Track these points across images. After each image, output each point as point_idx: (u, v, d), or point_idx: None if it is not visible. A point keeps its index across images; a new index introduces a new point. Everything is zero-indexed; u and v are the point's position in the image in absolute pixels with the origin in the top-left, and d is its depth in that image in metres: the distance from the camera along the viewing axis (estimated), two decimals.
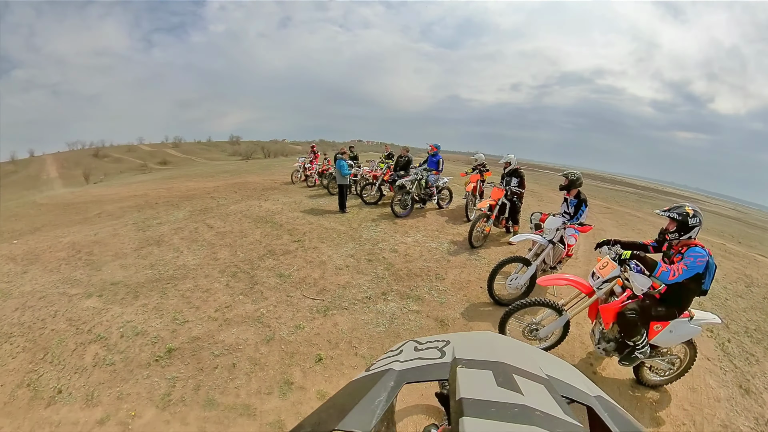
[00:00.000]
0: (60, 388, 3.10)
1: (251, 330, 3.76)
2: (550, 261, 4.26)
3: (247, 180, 13.85)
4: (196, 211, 8.58)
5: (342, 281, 4.77)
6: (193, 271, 5.12)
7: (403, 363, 0.57)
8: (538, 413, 0.41)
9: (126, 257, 5.80)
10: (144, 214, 8.66)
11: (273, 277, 4.89)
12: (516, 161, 6.28)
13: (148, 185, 14.79)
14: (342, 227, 6.98)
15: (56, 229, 8.12)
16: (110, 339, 3.68)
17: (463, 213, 7.80)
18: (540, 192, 13.31)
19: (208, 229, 7.04)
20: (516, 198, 6.11)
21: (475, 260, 5.38)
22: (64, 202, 12.51)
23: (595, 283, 2.91)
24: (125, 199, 11.32)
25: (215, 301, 4.32)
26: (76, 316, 4.11)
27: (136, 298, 4.45)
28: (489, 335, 0.66)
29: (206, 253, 5.76)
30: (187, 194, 11.17)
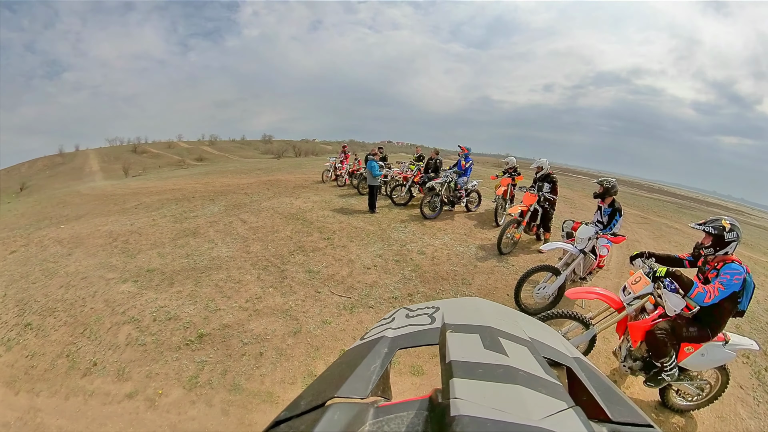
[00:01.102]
0: (95, 362, 3.41)
1: (279, 322, 3.90)
2: (581, 271, 4.15)
3: (278, 178, 14.19)
4: (231, 206, 8.86)
5: (369, 280, 4.84)
6: (227, 263, 5.35)
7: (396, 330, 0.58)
8: (521, 373, 0.43)
9: (163, 246, 6.15)
10: (181, 207, 9.06)
11: (302, 273, 5.02)
12: (548, 165, 6.13)
13: (185, 180, 15.47)
14: (371, 227, 7.05)
15: (96, 217, 8.68)
16: (143, 321, 3.95)
17: (492, 217, 7.71)
18: (573, 198, 12.88)
19: (241, 223, 7.28)
20: (548, 204, 5.97)
21: (503, 267, 5.31)
22: (104, 193, 13.30)
23: (626, 298, 2.82)
24: (163, 192, 11.88)
25: (246, 292, 4.50)
26: (112, 298, 4.45)
27: (171, 285, 4.73)
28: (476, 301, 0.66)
29: (239, 246, 5.97)
30: (222, 190, 11.56)
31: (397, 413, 0.42)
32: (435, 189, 7.83)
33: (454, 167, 8.22)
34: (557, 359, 0.53)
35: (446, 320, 0.58)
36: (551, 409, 0.38)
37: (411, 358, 3.37)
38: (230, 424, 2.76)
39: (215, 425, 2.76)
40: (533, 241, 6.55)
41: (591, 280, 4.39)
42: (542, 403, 0.39)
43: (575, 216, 8.46)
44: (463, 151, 8.18)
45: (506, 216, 7.42)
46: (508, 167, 7.85)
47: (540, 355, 0.51)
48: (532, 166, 6.29)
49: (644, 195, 22.85)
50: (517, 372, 0.43)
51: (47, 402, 3.04)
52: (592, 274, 4.35)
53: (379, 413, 0.42)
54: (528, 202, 5.82)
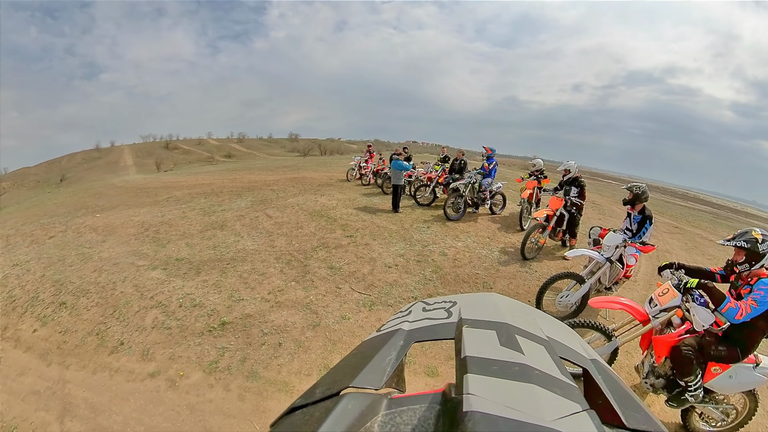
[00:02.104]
0: (122, 341, 3.64)
1: (299, 315, 4.00)
2: (606, 281, 4.02)
3: (304, 175, 14.43)
4: (257, 202, 9.10)
5: (390, 279, 4.86)
6: (252, 255, 5.51)
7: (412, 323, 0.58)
8: (536, 372, 0.43)
9: (192, 237, 6.41)
10: (210, 201, 9.38)
11: (324, 269, 5.10)
12: (577, 169, 5.97)
13: (213, 176, 15.94)
14: (394, 226, 7.08)
15: (129, 209, 9.12)
16: (169, 307, 4.15)
17: (516, 221, 7.58)
18: (602, 204, 12.47)
19: (267, 218, 7.48)
20: (575, 209, 5.82)
21: (525, 272, 5.23)
22: (137, 186, 13.88)
23: (652, 310, 2.69)
24: (193, 186, 12.31)
25: (269, 284, 4.63)
26: (141, 283, 4.70)
27: (197, 274, 4.94)
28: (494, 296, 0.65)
29: (264, 240, 6.14)
30: (249, 185, 11.87)
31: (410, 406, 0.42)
32: (459, 190, 7.80)
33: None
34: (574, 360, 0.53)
35: (463, 315, 0.58)
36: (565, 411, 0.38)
37: (427, 359, 3.38)
38: (245, 409, 2.87)
39: (231, 409, 2.87)
40: (558, 247, 6.43)
41: (617, 291, 4.23)
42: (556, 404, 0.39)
43: (603, 223, 8.26)
44: (487, 152, 8.11)
45: (531, 220, 7.33)
46: (535, 169, 7.68)
47: (557, 354, 0.50)
48: (560, 169, 6.16)
49: (677, 203, 21.57)
50: (532, 371, 0.43)
51: (75, 375, 3.27)
52: (619, 284, 4.20)
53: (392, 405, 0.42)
54: (554, 207, 5.69)
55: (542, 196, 7.66)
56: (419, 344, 0.54)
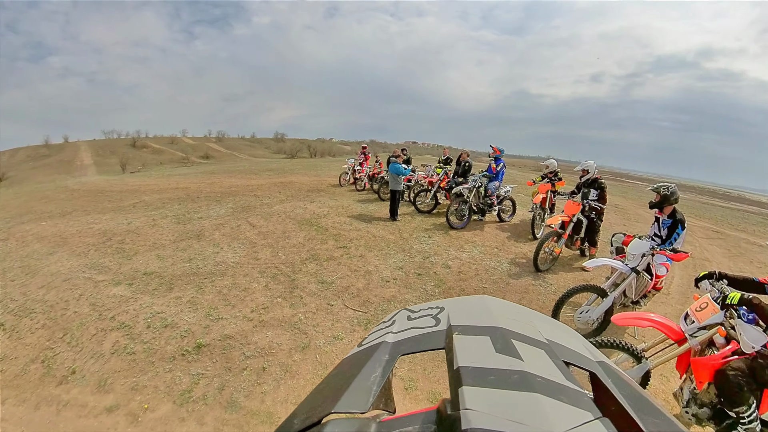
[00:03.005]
0: (74, 369, 3.44)
1: (286, 335, 3.91)
2: (632, 294, 3.95)
3: (291, 179, 14.45)
4: (239, 209, 9.08)
5: (387, 294, 4.82)
6: (232, 269, 5.44)
7: (397, 334, 0.58)
8: (539, 379, 0.43)
9: (163, 248, 6.31)
10: (184, 207, 9.32)
11: (314, 283, 5.05)
12: (596, 169, 6.00)
13: (189, 179, 15.88)
14: (391, 236, 7.09)
15: (87, 215, 8.96)
16: (135, 328, 4.00)
17: (528, 229, 7.63)
18: (626, 208, 12.52)
19: (250, 227, 7.44)
20: (594, 214, 5.83)
21: (539, 286, 5.21)
22: (97, 189, 13.64)
23: (689, 328, 2.60)
24: (165, 190, 12.23)
25: (252, 301, 4.55)
26: (100, 302, 4.54)
27: (170, 289, 4.83)
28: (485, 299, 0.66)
29: (247, 252, 6.09)
30: (230, 190, 11.85)
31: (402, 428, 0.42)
32: (463, 195, 7.86)
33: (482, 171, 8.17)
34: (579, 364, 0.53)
35: (452, 321, 0.58)
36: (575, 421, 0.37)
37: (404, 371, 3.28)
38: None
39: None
40: (576, 257, 6.43)
41: (645, 305, 4.17)
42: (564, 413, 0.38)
43: (628, 229, 8.24)
44: (495, 152, 8.15)
45: (545, 227, 7.35)
46: (548, 171, 7.79)
47: (559, 359, 0.51)
48: (577, 170, 6.18)
49: (718, 204, 21.42)
50: (534, 378, 0.43)
51: (13, 411, 3.05)
52: (647, 297, 4.13)
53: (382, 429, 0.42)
54: (570, 212, 5.69)
55: (557, 201, 7.75)
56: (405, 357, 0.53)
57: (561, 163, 8.04)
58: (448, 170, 9.44)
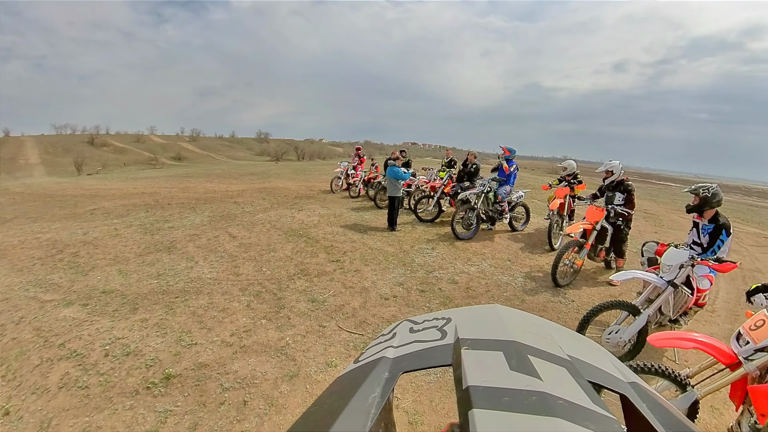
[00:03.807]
0: (8, 409, 3.19)
1: (272, 362, 3.79)
2: (670, 311, 3.86)
3: (277, 185, 14.49)
4: (217, 217, 9.06)
5: (387, 314, 4.77)
6: (209, 286, 5.34)
7: (398, 348, 0.59)
8: (560, 402, 0.42)
9: (127, 262, 6.18)
10: (152, 216, 9.25)
11: (304, 302, 4.99)
12: (622, 170, 6.00)
13: (158, 183, 15.81)
14: (390, 248, 7.13)
15: (33, 223, 8.80)
16: (89, 357, 3.81)
17: (544, 239, 7.67)
18: (657, 213, 12.55)
19: (229, 238, 7.40)
20: (621, 221, 5.81)
21: (559, 303, 5.19)
22: (46, 192, 13.42)
23: (743, 350, 2.49)
24: (129, 196, 12.16)
25: (232, 323, 4.44)
26: (47, 326, 4.34)
27: (133, 311, 4.68)
28: (497, 308, 0.67)
29: (226, 267, 6.02)
30: (206, 197, 11.85)
31: None
32: (470, 202, 7.90)
33: (495, 172, 8.18)
34: (607, 384, 0.53)
35: (460, 334, 0.59)
36: None
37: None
38: None
39: None
40: (601, 269, 6.42)
41: (687, 324, 4.09)
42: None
43: (661, 237, 8.29)
44: (505, 153, 8.22)
45: (564, 237, 7.45)
46: (566, 174, 7.93)
47: (584, 378, 0.50)
48: (600, 171, 6.18)
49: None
50: (554, 401, 0.43)
51: None
52: (688, 315, 4.06)
53: None
54: (593, 219, 5.68)
55: (577, 207, 7.84)
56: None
57: (580, 164, 8.10)
58: (452, 174, 9.54)
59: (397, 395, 3.42)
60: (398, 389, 3.48)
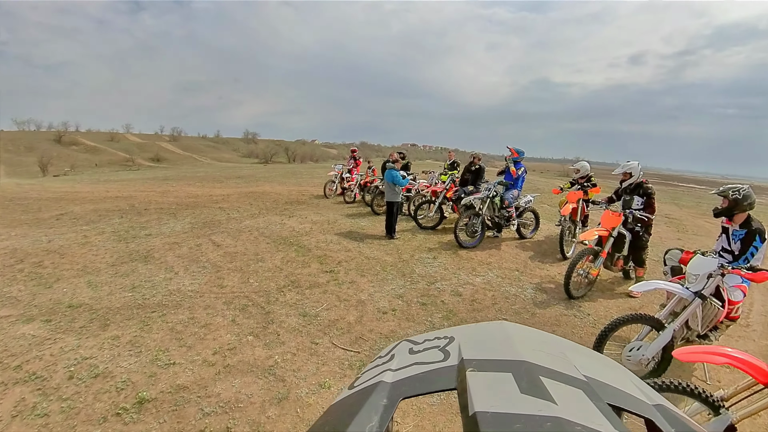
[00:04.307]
0: None
1: (259, 383, 3.73)
2: (698, 325, 3.80)
3: (265, 189, 14.56)
4: (199, 224, 9.05)
5: (385, 329, 4.74)
6: (190, 299, 5.28)
7: (397, 372, 0.59)
8: (578, 428, 0.42)
9: (98, 273, 6.09)
10: (128, 222, 9.23)
11: (295, 316, 4.95)
12: (641, 171, 5.99)
13: (135, 186, 15.78)
14: (389, 258, 7.16)
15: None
16: (51, 380, 3.69)
17: (555, 247, 7.68)
18: (680, 218, 12.63)
19: (213, 247, 7.38)
20: (641, 227, 5.79)
21: (573, 317, 5.18)
22: (5, 195, 13.23)
23: None
24: (102, 200, 12.11)
25: (215, 340, 4.38)
26: (2, 344, 4.21)
27: (104, 327, 4.58)
28: (503, 325, 0.67)
29: (209, 278, 5.98)
30: (188, 201, 11.86)
31: None
32: (474, 207, 7.93)
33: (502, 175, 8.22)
34: (629, 407, 0.52)
35: (465, 355, 0.59)
36: None
37: None
38: None
39: None
40: (619, 280, 6.43)
41: (717, 339, 4.02)
42: None
43: (685, 243, 8.36)
44: (513, 154, 8.29)
45: (577, 244, 7.47)
46: (579, 176, 7.98)
47: (602, 401, 0.50)
48: (617, 173, 6.18)
49: None
50: (571, 427, 0.43)
51: None
52: (719, 329, 3.99)
53: None
54: (609, 225, 5.66)
55: (591, 212, 7.91)
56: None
57: (594, 165, 8.15)
58: (455, 177, 9.61)
59: (396, 419, 3.36)
60: (398, 413, 3.42)
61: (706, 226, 10.92)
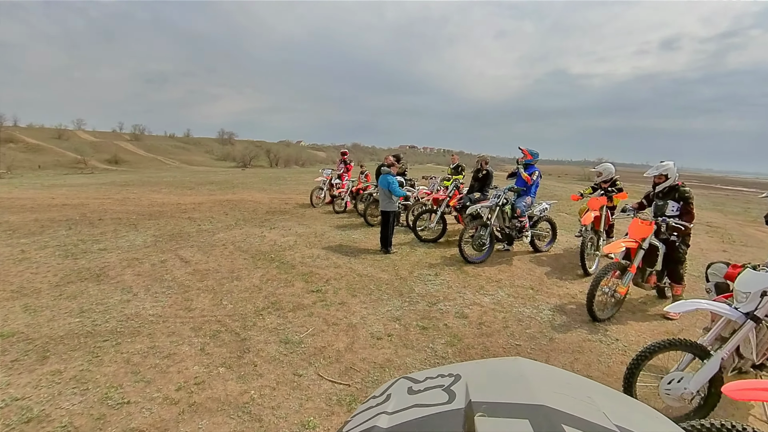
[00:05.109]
0: None
1: (231, 424, 3.62)
2: (752, 353, 3.66)
3: (243, 197, 14.68)
4: (165, 237, 9.07)
5: (380, 358, 4.66)
6: (151, 325, 5.18)
7: (393, 415, 0.59)
8: None
9: (38, 295, 5.96)
10: (78, 234, 9.15)
11: (275, 343, 4.88)
12: (677, 173, 5.92)
13: (88, 192, 15.80)
14: (384, 275, 7.18)
15: None
16: None
17: (575, 261, 7.71)
18: (725, 226, 12.70)
19: (181, 264, 7.37)
20: (677, 237, 5.71)
21: (599, 342, 5.11)
22: None
23: None
24: (46, 208, 12.08)
25: (180, 373, 4.26)
26: None
27: (42, 360, 4.44)
28: (518, 362, 0.66)
29: (175, 300, 5.90)
30: (152, 211, 11.88)
31: None
32: (481, 217, 8.01)
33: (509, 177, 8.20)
34: None
35: (473, 396, 0.59)
36: None
37: None
38: None
39: None
40: (652, 299, 6.41)
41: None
42: None
43: (731, 256, 8.34)
44: (525, 156, 8.34)
45: (601, 258, 7.52)
46: (602, 180, 8.05)
47: None
48: (649, 174, 6.10)
49: None
50: None
51: None
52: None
53: None
54: (638, 235, 5.59)
55: (616, 220, 7.97)
56: None
57: (620, 167, 8.16)
58: (459, 183, 9.69)
59: None
60: None
61: (757, 235, 11.03)
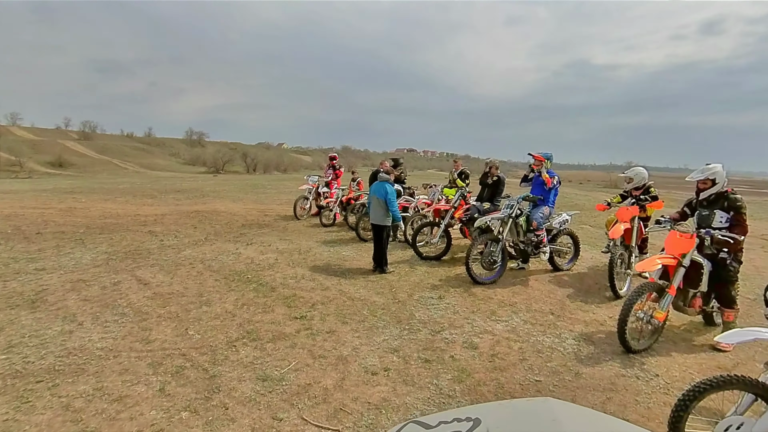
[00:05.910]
0: None
1: None
2: None
3: (215, 207, 14.76)
4: (119, 254, 9.04)
5: (375, 397, 4.53)
6: (99, 361, 5.01)
7: None
8: None
9: None
10: (9, 251, 9.12)
11: (250, 381, 4.74)
12: (726, 178, 5.78)
13: (24, 200, 15.95)
14: (379, 298, 7.16)
15: None
16: None
17: (603, 281, 7.71)
18: None
19: (138, 286, 7.28)
20: (726, 253, 5.56)
21: (636, 379, 4.96)
22: None
23: None
24: None
25: (133, 420, 4.07)
26: None
27: None
28: (548, 404, 0.73)
29: (130, 330, 5.76)
30: (104, 223, 11.94)
31: None
32: (492, 231, 8.07)
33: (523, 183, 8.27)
34: None
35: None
36: None
37: None
38: None
39: None
40: (698, 326, 6.36)
41: None
42: None
43: None
44: (538, 161, 8.35)
45: (633, 278, 7.46)
46: (633, 187, 8.05)
47: None
48: (693, 178, 5.99)
49: None
50: None
51: None
52: None
53: None
54: (677, 250, 5.48)
55: (650, 234, 7.93)
56: None
57: (653, 172, 8.08)
58: (465, 192, 9.71)
59: None
60: None
61: None
